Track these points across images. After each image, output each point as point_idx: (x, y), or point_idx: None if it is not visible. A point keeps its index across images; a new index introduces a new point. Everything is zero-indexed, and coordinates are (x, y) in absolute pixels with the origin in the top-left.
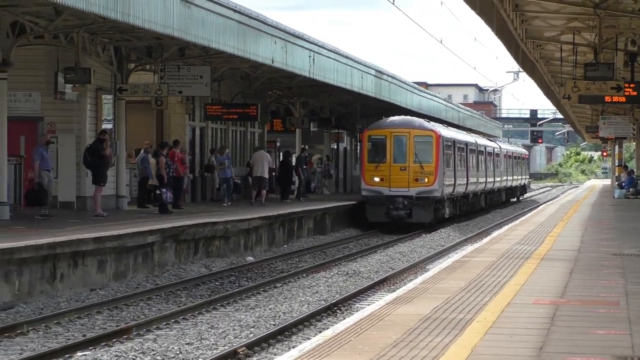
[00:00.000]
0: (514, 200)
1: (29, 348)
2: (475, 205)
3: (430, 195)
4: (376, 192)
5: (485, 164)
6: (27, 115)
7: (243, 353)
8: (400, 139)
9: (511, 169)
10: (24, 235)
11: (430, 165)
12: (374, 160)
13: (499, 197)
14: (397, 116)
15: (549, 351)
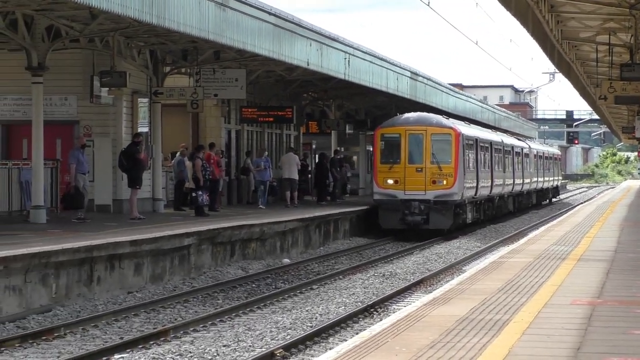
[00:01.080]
0: (545, 203)
1: (66, 351)
2: (501, 208)
3: (450, 199)
4: (390, 195)
5: (512, 165)
6: (63, 119)
7: (280, 355)
8: (416, 137)
9: (542, 169)
10: (60, 238)
11: (449, 166)
12: (388, 161)
13: (528, 200)
14: (412, 113)
15: (587, 351)
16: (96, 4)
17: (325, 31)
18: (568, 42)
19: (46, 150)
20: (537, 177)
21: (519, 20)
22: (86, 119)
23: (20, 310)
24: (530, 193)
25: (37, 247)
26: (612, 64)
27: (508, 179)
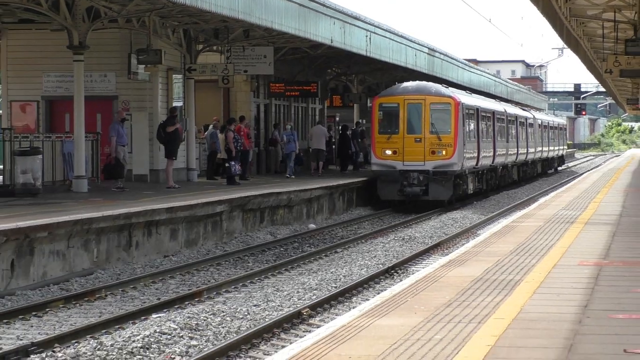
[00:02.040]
0: (551, 172)
1: (107, 311)
2: (505, 178)
3: (449, 170)
4: (388, 166)
5: (516, 134)
6: (102, 95)
7: (307, 313)
8: (414, 106)
9: (547, 139)
10: (101, 206)
11: (449, 136)
12: (386, 131)
13: (533, 169)
14: (411, 82)
15: (593, 309)
16: None
17: (348, 10)
18: (576, 19)
19: (87, 124)
20: (542, 146)
21: None
22: (124, 95)
23: (64, 274)
24: (535, 162)
25: (79, 214)
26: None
27: (512, 148)
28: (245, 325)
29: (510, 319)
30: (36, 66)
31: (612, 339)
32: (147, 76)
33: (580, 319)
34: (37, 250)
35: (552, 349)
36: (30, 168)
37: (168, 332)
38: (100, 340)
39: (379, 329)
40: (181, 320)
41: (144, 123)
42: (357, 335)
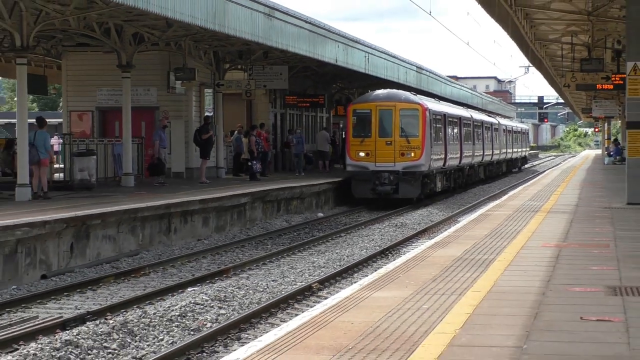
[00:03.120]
0: (515, 171)
1: (150, 285)
2: (472, 177)
3: (417, 170)
4: (362, 167)
5: (482, 138)
6: (146, 106)
7: (316, 287)
8: (385, 112)
9: (511, 142)
10: (145, 198)
11: (417, 139)
12: (359, 134)
13: (498, 169)
14: (382, 90)
15: (555, 283)
16: (171, 16)
17: (350, 35)
18: (539, 42)
19: (133, 130)
20: (506, 148)
21: (500, 25)
22: (164, 105)
23: (114, 254)
24: (500, 162)
25: (127, 205)
26: (574, 59)
27: (478, 150)
28: (265, 297)
29: (486, 292)
30: (91, 82)
31: (571, 309)
32: (183, 90)
33: (544, 291)
34: (92, 235)
35: (520, 317)
36: (86, 166)
37: (201, 302)
38: (144, 310)
39: (376, 300)
40: (212, 293)
41: (181, 129)
42: (358, 305)
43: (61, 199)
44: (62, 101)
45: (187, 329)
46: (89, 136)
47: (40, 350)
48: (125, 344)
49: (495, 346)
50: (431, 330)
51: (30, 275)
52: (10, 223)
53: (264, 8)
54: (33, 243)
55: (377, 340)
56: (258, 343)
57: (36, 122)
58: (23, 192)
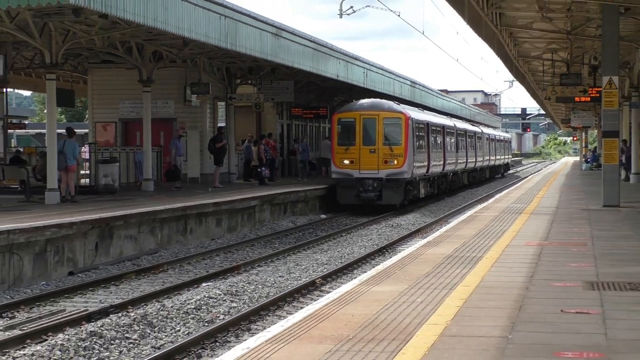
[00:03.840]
0: (498, 177)
1: (168, 281)
2: (456, 183)
3: (400, 177)
4: (346, 174)
5: (465, 146)
6: (164, 117)
7: (319, 282)
8: (369, 121)
9: (494, 150)
10: (164, 201)
11: (400, 147)
12: (344, 143)
13: (482, 175)
14: (366, 99)
15: (537, 278)
16: (187, 35)
17: (350, 53)
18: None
19: (153, 139)
20: (489, 155)
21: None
22: (181, 117)
23: (135, 252)
24: (483, 169)
25: (147, 207)
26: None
27: (461, 158)
28: (272, 291)
29: (474, 287)
30: (114, 95)
31: (552, 302)
32: (198, 103)
33: (527, 286)
34: (115, 235)
35: (506, 309)
36: (110, 172)
37: (214, 296)
38: (163, 303)
39: (374, 294)
40: (224, 287)
41: (196, 139)
42: (358, 298)
43: (87, 202)
44: (88, 113)
45: (202, 321)
46: (113, 145)
47: (67, 341)
48: (145, 334)
49: (483, 336)
50: (424, 322)
51: (58, 272)
52: (40, 224)
53: (272, 28)
54: (61, 242)
55: (375, 331)
56: (267, 333)
57: (66, 132)
58: (52, 196)
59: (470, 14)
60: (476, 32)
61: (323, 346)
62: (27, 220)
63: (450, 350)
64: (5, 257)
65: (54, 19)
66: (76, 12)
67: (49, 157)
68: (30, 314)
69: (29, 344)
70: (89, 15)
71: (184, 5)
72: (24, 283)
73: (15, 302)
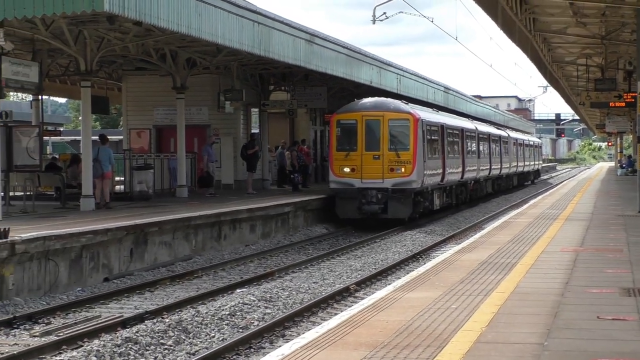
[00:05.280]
0: (527, 184)
1: (202, 287)
2: (478, 192)
3: (408, 187)
4: (346, 184)
5: (489, 151)
6: (198, 124)
7: (353, 289)
8: (372, 123)
9: (522, 155)
10: (198, 208)
11: (408, 153)
12: (344, 148)
13: (508, 182)
14: (370, 98)
15: (573, 284)
16: (221, 42)
17: (383, 58)
18: (556, 64)
19: (187, 146)
20: (517, 161)
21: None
22: (215, 123)
23: (170, 259)
24: (510, 176)
25: (181, 214)
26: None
27: (484, 164)
28: (306, 297)
29: (509, 293)
30: (148, 102)
31: (588, 308)
32: (232, 110)
33: (563, 292)
34: (150, 241)
35: (541, 316)
36: (144, 179)
37: (249, 302)
38: (197, 309)
39: (408, 300)
40: (258, 293)
41: (230, 145)
42: (392, 305)
43: (122, 209)
44: (123, 120)
45: (236, 327)
46: (147, 152)
47: (103, 347)
48: (180, 340)
49: (518, 343)
50: (459, 328)
51: (93, 278)
52: (75, 231)
53: (305, 35)
54: (96, 249)
55: (410, 337)
56: (301, 340)
57: (99, 139)
58: (87, 203)
59: (504, 19)
60: (510, 38)
61: (358, 352)
62: (62, 227)
63: (485, 357)
64: (42, 263)
65: (88, 27)
66: (110, 19)
67: (84, 164)
68: (66, 320)
69: (65, 350)
70: (123, 22)
71: (218, 12)
72: (60, 289)
73: (51, 308)
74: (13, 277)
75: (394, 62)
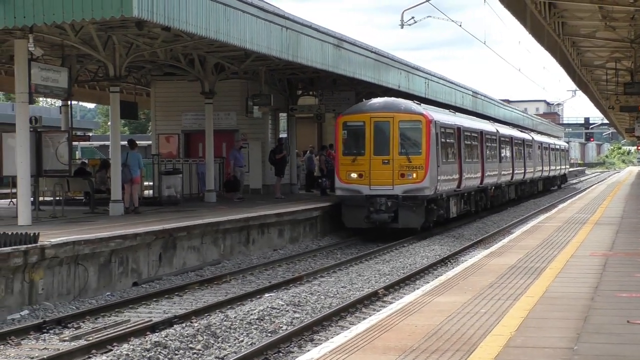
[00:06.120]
0: (554, 189)
1: (231, 291)
2: (499, 198)
3: (420, 194)
4: (353, 191)
5: (512, 155)
6: (226, 129)
7: (382, 293)
8: (382, 125)
9: (547, 159)
10: (226, 212)
11: (420, 157)
12: (351, 152)
13: (532, 188)
14: (379, 98)
15: (603, 289)
16: (249, 47)
17: (411, 63)
18: (585, 68)
19: (215, 151)
20: (542, 166)
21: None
22: (243, 128)
23: (198, 263)
24: (535, 181)
25: (210, 219)
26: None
27: (506, 169)
28: (335, 302)
29: (538, 297)
30: (177, 107)
31: (618, 313)
32: (260, 114)
33: (592, 297)
34: (178, 246)
35: (571, 320)
36: (173, 184)
37: (277, 307)
38: (226, 314)
39: (437, 304)
40: (287, 298)
41: (258, 150)
42: (421, 309)
43: (150, 214)
44: (151, 125)
45: (265, 331)
46: (175, 156)
47: (132, 351)
48: (209, 345)
49: (548, 347)
50: (488, 333)
51: (122, 283)
52: (105, 235)
53: (333, 39)
54: (125, 253)
55: (439, 342)
56: (330, 344)
57: (128, 144)
58: (116, 208)
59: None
60: (539, 42)
61: (387, 357)
62: (92, 232)
63: None
64: (71, 268)
65: (117, 32)
66: (139, 25)
67: (113, 169)
68: (95, 324)
69: (95, 354)
70: (152, 28)
71: (246, 17)
72: (89, 294)
73: (80, 312)
74: (43, 281)
75: (422, 67)
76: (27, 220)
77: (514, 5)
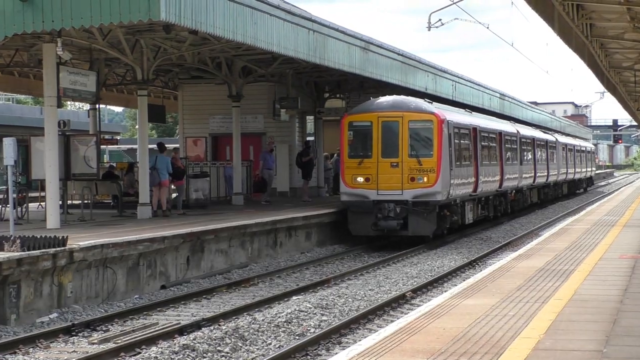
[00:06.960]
0: (580, 192)
1: (259, 294)
2: (520, 202)
3: (431, 200)
4: (360, 196)
5: (534, 157)
6: (254, 132)
7: (409, 296)
8: (390, 125)
9: (573, 161)
10: (253, 215)
11: (431, 160)
12: (357, 154)
13: (557, 191)
14: (387, 96)
15: (632, 291)
16: (276, 50)
17: (438, 65)
18: (614, 70)
19: (242, 154)
20: (566, 168)
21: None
22: (270, 131)
23: (226, 266)
24: (559, 184)
25: (238, 222)
26: None
27: (527, 171)
28: (362, 304)
29: (567, 300)
30: (204, 111)
31: None
32: (287, 117)
33: (622, 299)
34: (206, 249)
35: (600, 323)
36: (201, 187)
37: (305, 310)
38: (254, 316)
39: (465, 307)
40: (315, 301)
41: (285, 153)
42: (449, 312)
43: (178, 217)
44: (179, 128)
45: (293, 334)
46: (203, 160)
47: (161, 354)
48: (237, 347)
49: (577, 350)
50: (517, 335)
51: (150, 286)
52: (133, 239)
53: (360, 42)
54: (153, 256)
55: (468, 344)
56: (358, 347)
57: (157, 147)
58: (144, 211)
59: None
60: (566, 44)
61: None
62: (120, 235)
63: None
64: (99, 271)
65: (145, 36)
66: (167, 28)
67: (141, 172)
68: (124, 327)
69: (123, 357)
70: (180, 31)
71: (273, 20)
72: (118, 297)
73: (109, 315)
74: (71, 284)
75: (449, 69)
76: (55, 224)
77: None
